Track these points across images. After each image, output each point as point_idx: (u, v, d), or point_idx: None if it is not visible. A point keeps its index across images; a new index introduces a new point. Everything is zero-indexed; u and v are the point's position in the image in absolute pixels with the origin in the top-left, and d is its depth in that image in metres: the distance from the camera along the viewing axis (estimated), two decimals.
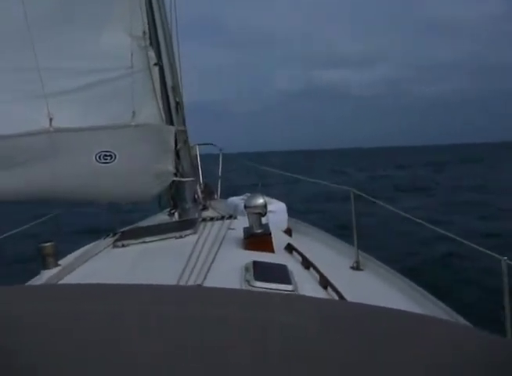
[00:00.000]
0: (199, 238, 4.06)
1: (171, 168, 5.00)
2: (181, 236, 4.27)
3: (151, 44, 4.98)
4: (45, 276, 3.76)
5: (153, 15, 5.02)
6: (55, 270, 3.84)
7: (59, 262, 4.08)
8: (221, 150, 6.93)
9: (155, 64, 5.01)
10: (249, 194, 4.80)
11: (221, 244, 3.84)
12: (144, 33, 4.94)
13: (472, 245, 3.40)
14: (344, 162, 68.73)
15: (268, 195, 5.39)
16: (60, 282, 3.42)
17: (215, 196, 6.66)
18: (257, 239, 3.82)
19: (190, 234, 4.29)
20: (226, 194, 6.76)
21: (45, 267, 3.98)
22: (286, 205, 5.94)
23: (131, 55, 4.87)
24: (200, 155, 6.10)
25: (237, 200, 5.88)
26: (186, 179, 5.30)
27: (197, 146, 5.90)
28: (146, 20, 4.95)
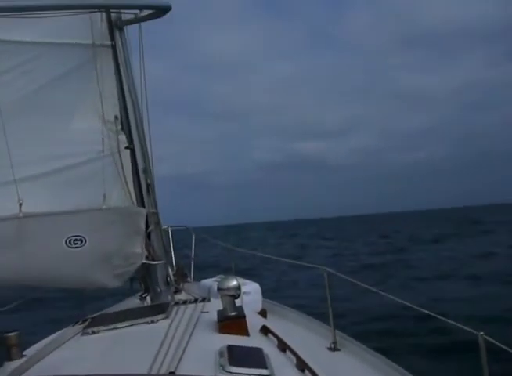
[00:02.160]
0: (172, 323, 3.96)
1: (140, 250, 4.94)
2: (153, 321, 4.15)
3: (122, 128, 5.08)
4: (9, 368, 3.57)
5: (124, 99, 5.12)
6: (19, 362, 3.66)
7: (24, 353, 3.89)
8: (193, 232, 6.90)
9: (126, 147, 5.09)
10: (222, 276, 4.72)
11: (194, 328, 3.75)
12: (116, 117, 5.05)
13: (448, 321, 3.39)
14: (325, 232, 68.22)
15: (242, 274, 5.34)
16: (25, 375, 3.26)
17: (188, 278, 6.56)
18: (231, 322, 3.74)
19: (163, 319, 4.18)
20: (199, 273, 6.67)
21: (9, 358, 3.79)
22: (260, 285, 5.86)
23: (102, 139, 4.96)
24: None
25: (210, 282, 5.79)
26: (157, 262, 5.22)
27: (170, 228, 5.88)
28: (117, 105, 5.06)
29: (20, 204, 4.67)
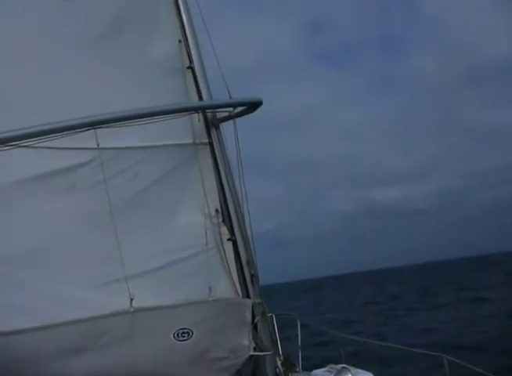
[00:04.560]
0: None
1: (247, 342, 4.88)
2: None
3: (223, 220, 5.18)
4: None
5: (223, 193, 5.26)
6: None
7: None
8: (297, 318, 6.72)
9: (228, 239, 5.16)
10: (332, 365, 4.51)
11: None
12: (217, 211, 5.18)
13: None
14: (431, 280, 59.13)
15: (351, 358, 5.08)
16: None
17: (297, 368, 6.32)
18: None
19: None
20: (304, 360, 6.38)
21: None
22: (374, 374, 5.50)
23: (206, 233, 5.07)
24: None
25: (322, 373, 5.53)
26: (265, 353, 5.11)
27: (274, 316, 5.77)
28: (217, 198, 5.21)
29: (131, 300, 4.81)
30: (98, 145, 4.69)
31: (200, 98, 5.24)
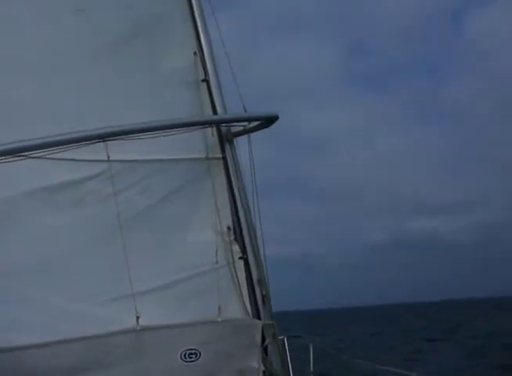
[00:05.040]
0: None
1: (256, 364, 4.73)
2: None
3: (235, 238, 5.04)
4: None
5: (236, 210, 5.12)
6: None
7: None
8: (311, 343, 6.53)
9: (240, 258, 5.02)
10: None
11: None
12: (229, 228, 5.04)
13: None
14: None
15: None
16: None
17: None
18: None
19: None
20: None
21: None
22: None
23: (216, 250, 4.95)
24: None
25: None
26: None
27: (285, 339, 5.60)
28: (230, 215, 5.08)
29: (138, 317, 4.69)
30: (108, 157, 4.63)
31: (215, 111, 5.14)
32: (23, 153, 4.13)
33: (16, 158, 4.12)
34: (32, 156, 4.19)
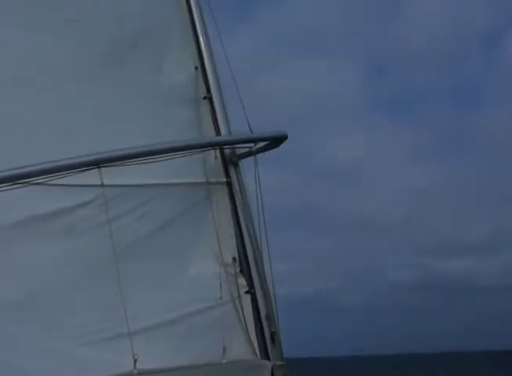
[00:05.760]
0: None
1: None
2: None
3: (241, 271, 4.73)
4: None
5: (242, 239, 4.78)
6: None
7: None
8: None
9: (246, 292, 4.70)
10: None
11: None
12: (234, 259, 4.73)
13: None
14: None
15: None
16: None
17: None
18: None
19: None
20: None
21: None
22: None
23: (220, 284, 4.64)
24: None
25: None
26: None
27: None
28: (235, 245, 4.77)
29: (135, 360, 4.30)
30: (102, 183, 4.31)
31: (218, 132, 4.82)
32: (5, 184, 3.86)
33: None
34: (16, 184, 3.90)
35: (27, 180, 3.89)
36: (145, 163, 4.20)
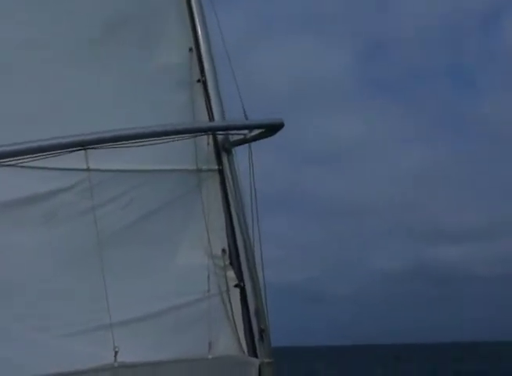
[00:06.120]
0: None
1: None
2: None
3: (231, 263, 4.60)
4: None
5: (233, 230, 4.64)
6: None
7: None
8: None
9: (235, 285, 4.58)
10: None
11: None
12: (223, 251, 4.60)
13: None
14: None
15: None
16: None
17: None
18: None
19: None
20: None
21: None
22: None
23: (208, 276, 4.50)
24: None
25: None
26: None
27: None
28: (225, 237, 4.64)
29: (116, 352, 4.16)
30: (88, 167, 4.15)
31: (211, 117, 4.64)
32: None
33: None
34: None
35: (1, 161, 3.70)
36: (133, 146, 4.06)
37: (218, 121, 4.66)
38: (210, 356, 4.37)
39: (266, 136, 4.57)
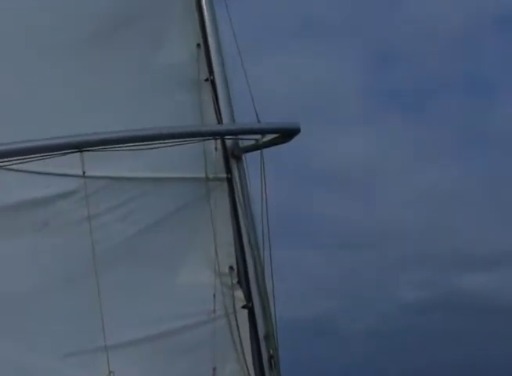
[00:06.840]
0: None
1: None
2: None
3: (239, 282, 4.37)
4: None
5: (242, 246, 4.39)
6: None
7: None
8: None
9: (243, 307, 4.33)
10: None
11: None
12: (231, 268, 4.37)
13: None
14: None
15: None
16: None
17: None
18: None
19: None
20: None
21: None
22: None
23: (214, 296, 4.29)
24: None
25: None
26: None
27: None
28: (233, 253, 4.39)
29: None
30: (84, 173, 3.96)
31: (220, 120, 4.40)
32: None
33: None
34: None
35: None
36: (134, 150, 3.86)
37: (227, 123, 4.43)
38: None
39: (280, 142, 4.33)
